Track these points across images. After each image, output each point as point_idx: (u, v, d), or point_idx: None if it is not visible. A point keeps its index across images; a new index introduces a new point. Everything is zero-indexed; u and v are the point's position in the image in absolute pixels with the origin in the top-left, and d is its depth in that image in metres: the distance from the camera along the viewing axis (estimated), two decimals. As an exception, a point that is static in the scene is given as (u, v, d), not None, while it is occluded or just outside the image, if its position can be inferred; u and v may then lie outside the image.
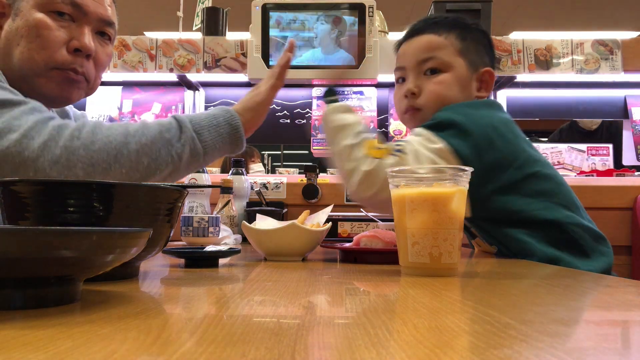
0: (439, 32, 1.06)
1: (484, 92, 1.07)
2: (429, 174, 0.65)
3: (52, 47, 0.89)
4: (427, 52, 1.05)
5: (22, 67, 0.89)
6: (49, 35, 0.89)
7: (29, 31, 0.88)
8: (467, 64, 1.05)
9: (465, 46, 1.05)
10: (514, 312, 0.41)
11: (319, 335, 0.30)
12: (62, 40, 0.90)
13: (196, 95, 2.37)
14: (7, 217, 0.51)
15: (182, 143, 0.84)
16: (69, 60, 0.91)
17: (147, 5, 5.35)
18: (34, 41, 0.88)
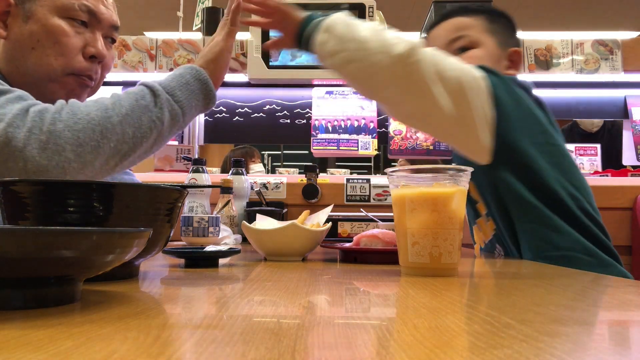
0: (467, 14, 1.09)
1: (513, 71, 1.07)
2: (429, 174, 0.65)
3: (70, 54, 0.91)
4: (457, 32, 1.07)
5: (37, 71, 0.90)
6: (67, 42, 0.90)
7: (47, 36, 0.89)
8: (497, 42, 1.07)
9: (493, 26, 1.07)
10: (514, 312, 0.41)
11: (319, 335, 0.30)
12: (79, 46, 0.92)
13: (196, 95, 2.37)
14: (7, 217, 0.51)
15: (159, 107, 0.83)
16: (86, 67, 0.93)
17: (147, 5, 5.35)
18: (52, 47, 0.90)
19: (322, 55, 0.92)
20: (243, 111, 2.37)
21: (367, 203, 1.79)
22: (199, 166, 1.51)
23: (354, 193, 1.80)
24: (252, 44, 2.01)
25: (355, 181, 1.81)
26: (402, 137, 2.35)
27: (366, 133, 2.33)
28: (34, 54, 0.89)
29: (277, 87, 2.37)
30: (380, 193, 1.80)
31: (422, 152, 2.33)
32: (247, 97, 2.38)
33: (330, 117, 2.35)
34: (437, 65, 0.84)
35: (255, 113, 2.37)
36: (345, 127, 2.34)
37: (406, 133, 2.35)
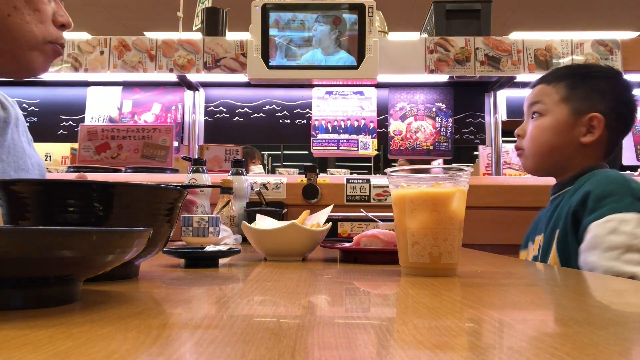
0: (550, 82, 1.12)
1: (589, 137, 1.07)
2: (429, 174, 0.65)
3: (47, 21, 0.90)
4: (535, 98, 1.13)
5: (18, 39, 0.87)
6: (45, 9, 0.89)
7: (27, 4, 0.87)
8: (570, 110, 1.08)
9: (571, 94, 1.09)
10: (514, 312, 0.41)
11: (319, 335, 0.30)
12: (51, 14, 0.91)
13: (196, 95, 2.37)
14: (7, 217, 0.51)
15: None
16: (60, 35, 0.93)
17: (147, 5, 5.35)
18: (33, 15, 0.88)
19: None
20: (243, 111, 2.37)
21: (367, 203, 1.79)
22: (199, 166, 1.51)
23: (354, 193, 1.80)
24: (252, 44, 2.01)
25: (355, 181, 1.81)
26: (402, 137, 2.35)
27: (366, 133, 2.33)
28: (10, 20, 0.87)
29: (277, 87, 2.37)
30: (380, 193, 1.80)
31: (422, 152, 2.33)
32: (247, 97, 2.38)
33: (330, 117, 2.35)
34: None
35: (255, 113, 2.37)
36: (345, 127, 2.34)
37: (406, 133, 2.35)
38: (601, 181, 0.98)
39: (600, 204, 0.92)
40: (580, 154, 1.09)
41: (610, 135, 1.08)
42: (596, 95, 1.09)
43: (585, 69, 1.16)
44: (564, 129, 1.09)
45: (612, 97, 1.09)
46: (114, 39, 2.16)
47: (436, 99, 2.36)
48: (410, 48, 2.11)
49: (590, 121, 1.06)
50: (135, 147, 2.04)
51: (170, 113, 2.36)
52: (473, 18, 2.16)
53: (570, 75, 1.13)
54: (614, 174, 1.00)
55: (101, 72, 2.13)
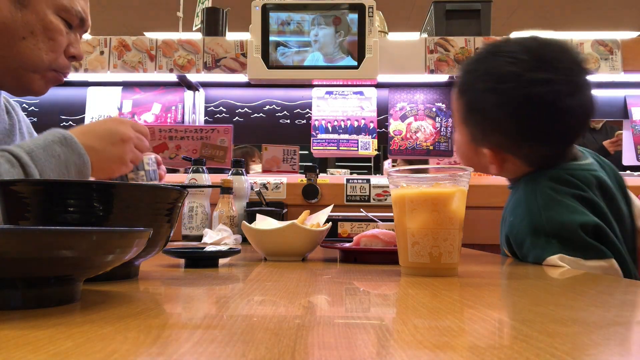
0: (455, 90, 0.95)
1: (494, 169, 0.93)
2: (429, 174, 0.65)
3: (58, 52, 0.93)
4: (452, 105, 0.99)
5: (25, 61, 0.90)
6: (61, 40, 0.93)
7: (44, 32, 0.91)
8: (468, 135, 0.94)
9: (468, 116, 0.92)
10: (514, 312, 0.41)
11: (319, 335, 0.30)
12: (65, 45, 0.95)
13: (196, 95, 2.37)
14: (7, 217, 0.51)
15: None
16: (66, 65, 0.96)
17: (147, 5, 5.35)
18: (47, 43, 0.91)
19: None
20: (243, 111, 2.37)
21: (367, 203, 1.79)
22: (199, 166, 1.51)
23: (354, 193, 1.80)
24: (252, 44, 2.01)
25: (355, 181, 1.81)
26: (402, 137, 2.35)
27: (366, 133, 2.33)
28: (24, 43, 0.90)
29: (277, 87, 2.37)
30: (380, 193, 1.80)
31: (422, 152, 2.33)
32: (247, 97, 2.38)
33: (330, 117, 2.35)
34: None
35: (255, 113, 2.37)
36: (345, 128, 2.34)
37: (406, 133, 2.35)
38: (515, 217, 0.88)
39: (523, 252, 0.85)
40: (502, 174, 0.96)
41: (526, 160, 0.90)
42: (487, 123, 0.89)
43: (479, 81, 0.89)
44: (470, 154, 0.95)
45: (507, 125, 0.87)
46: (114, 39, 2.16)
47: (436, 99, 2.36)
48: (410, 48, 2.11)
49: (484, 155, 0.91)
50: (194, 148, 2.03)
51: (170, 113, 2.36)
52: (473, 18, 2.16)
53: (466, 90, 0.92)
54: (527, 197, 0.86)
55: (101, 72, 2.13)
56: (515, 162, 0.90)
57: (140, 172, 1.01)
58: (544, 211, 0.82)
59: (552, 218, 0.81)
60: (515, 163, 0.90)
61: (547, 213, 0.82)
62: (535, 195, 0.85)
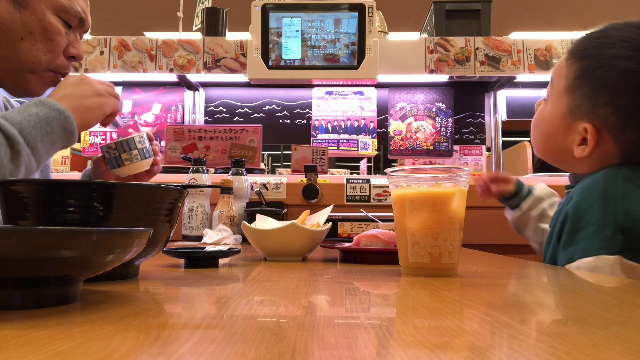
0: (571, 56, 0.86)
1: (580, 151, 0.84)
2: (429, 174, 0.65)
3: (57, 52, 0.93)
4: (551, 75, 0.90)
5: (23, 62, 0.90)
6: (59, 41, 0.92)
7: (43, 33, 0.90)
8: (568, 107, 0.85)
9: (576, 84, 0.83)
10: (514, 312, 0.41)
11: (319, 335, 0.30)
12: (64, 46, 0.94)
13: (196, 95, 2.37)
14: (7, 217, 0.51)
15: (15, 164, 0.76)
16: (64, 65, 0.95)
17: (147, 5, 5.35)
18: (45, 44, 0.91)
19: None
20: (243, 111, 2.37)
21: (367, 203, 1.79)
22: (199, 166, 1.51)
23: (354, 193, 1.80)
24: (252, 44, 2.01)
25: (355, 181, 1.81)
26: (402, 137, 2.35)
27: (366, 133, 2.33)
28: (22, 44, 0.89)
29: (277, 87, 2.37)
30: (380, 193, 1.80)
31: (422, 152, 2.33)
32: (247, 97, 2.38)
33: (330, 117, 2.35)
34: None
35: (255, 113, 2.37)
36: (345, 128, 2.34)
37: (406, 133, 2.35)
38: (582, 199, 0.79)
39: (575, 238, 0.77)
40: (581, 163, 0.85)
41: (623, 149, 0.81)
42: (603, 94, 0.80)
43: (608, 47, 0.80)
44: (557, 131, 0.87)
45: (628, 100, 0.78)
46: (114, 39, 2.16)
47: (436, 99, 2.36)
48: (410, 48, 2.11)
49: (584, 130, 0.82)
50: (223, 148, 2.03)
51: (170, 113, 2.36)
52: (473, 18, 2.17)
53: (588, 55, 0.83)
54: (603, 182, 0.78)
55: (101, 72, 2.13)
56: (610, 149, 0.81)
57: (133, 152, 1.01)
58: (621, 201, 0.74)
59: (629, 210, 0.73)
60: (609, 150, 0.81)
61: (624, 203, 0.73)
62: (616, 182, 0.76)
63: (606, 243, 0.72)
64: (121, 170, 1.02)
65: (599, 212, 0.75)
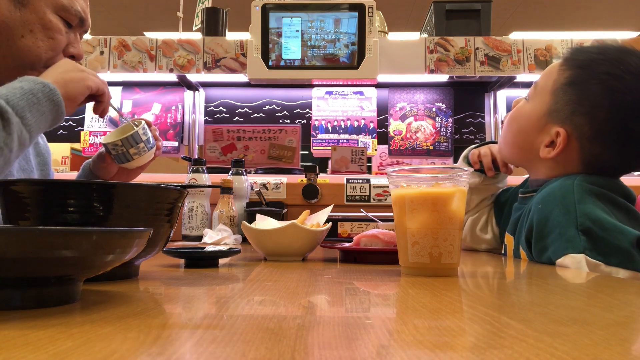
0: (565, 62, 0.91)
1: (546, 152, 0.89)
2: (429, 174, 0.65)
3: (57, 50, 0.93)
4: (541, 76, 0.95)
5: (24, 59, 0.90)
6: (60, 39, 0.93)
7: (43, 31, 0.91)
8: (548, 108, 0.89)
9: (563, 89, 0.88)
10: (514, 312, 0.41)
11: (319, 335, 0.30)
12: (64, 44, 0.95)
13: (196, 95, 2.37)
14: (7, 217, 0.51)
15: (8, 132, 0.76)
16: None
17: (147, 5, 5.35)
18: (46, 41, 0.91)
19: None
20: (243, 111, 2.37)
21: (367, 203, 1.79)
22: (199, 166, 1.51)
23: (354, 193, 1.80)
24: (252, 44, 2.01)
25: (355, 181, 1.81)
26: (402, 137, 2.35)
27: (366, 133, 2.33)
28: (22, 41, 0.90)
29: (277, 87, 2.37)
30: (380, 193, 1.80)
31: (422, 152, 2.33)
32: (247, 97, 2.38)
33: (330, 117, 2.35)
34: None
35: (255, 113, 2.37)
36: (345, 127, 2.34)
37: (406, 133, 2.35)
38: (545, 205, 0.83)
39: (544, 244, 0.81)
40: (543, 165, 0.92)
41: (586, 160, 0.87)
42: (584, 104, 0.85)
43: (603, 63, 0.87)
44: (530, 128, 0.92)
45: (603, 117, 0.84)
46: (114, 39, 2.16)
47: (436, 99, 2.36)
48: (410, 48, 2.11)
49: (556, 134, 0.88)
50: (262, 148, 2.03)
51: (170, 113, 2.36)
52: (473, 18, 2.16)
53: (582, 65, 0.88)
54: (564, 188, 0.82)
55: (101, 72, 2.13)
56: (573, 157, 0.87)
57: (140, 145, 1.01)
58: (578, 205, 0.78)
59: (587, 213, 0.76)
60: (572, 157, 0.88)
61: (581, 207, 0.77)
62: (572, 188, 0.81)
63: (571, 243, 0.76)
64: (129, 165, 1.03)
65: (560, 215, 0.79)
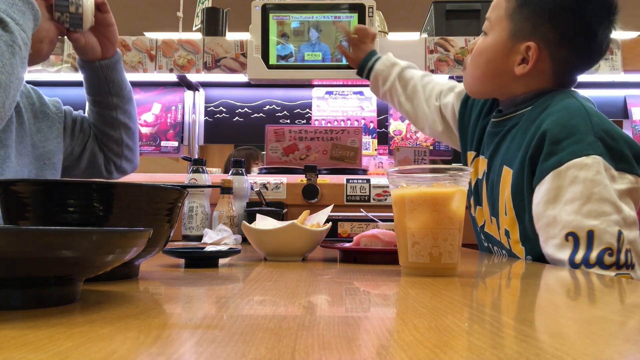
0: None
1: (521, 69, 0.95)
2: (429, 174, 0.65)
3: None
4: (489, 11, 1.01)
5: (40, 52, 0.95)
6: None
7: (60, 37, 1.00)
8: (510, 31, 0.95)
9: (517, 11, 0.95)
10: (514, 312, 0.41)
11: (319, 335, 0.30)
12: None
13: (196, 95, 2.37)
14: (7, 217, 0.51)
15: (10, 31, 0.78)
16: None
17: (147, 5, 5.35)
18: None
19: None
20: (243, 111, 2.37)
21: (367, 203, 1.79)
22: (199, 166, 1.51)
23: (354, 193, 1.80)
24: (252, 44, 2.01)
25: (355, 181, 1.81)
26: (402, 137, 2.35)
27: (366, 133, 2.33)
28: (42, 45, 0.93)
29: (277, 87, 2.37)
30: (380, 193, 1.80)
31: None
32: (247, 97, 2.38)
33: (330, 117, 2.35)
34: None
35: (255, 113, 2.37)
36: (345, 127, 2.34)
37: (406, 133, 2.35)
38: (560, 116, 0.85)
39: (559, 147, 0.82)
40: (519, 82, 0.97)
41: (556, 67, 0.94)
42: (542, 15, 0.92)
43: None
44: (498, 54, 0.97)
45: (564, 19, 0.92)
46: (114, 39, 2.16)
47: (436, 99, 2.36)
48: (410, 48, 2.11)
49: (526, 50, 0.93)
50: (324, 149, 2.02)
51: (170, 113, 2.36)
52: (473, 18, 2.16)
53: None
54: (574, 104, 0.87)
55: (101, 72, 2.13)
56: (545, 67, 0.94)
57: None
58: (590, 117, 0.84)
59: (598, 123, 0.83)
60: (544, 68, 0.94)
61: (593, 119, 0.84)
62: (580, 103, 0.87)
63: (591, 147, 0.81)
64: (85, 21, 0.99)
65: (580, 124, 0.83)
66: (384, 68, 1.34)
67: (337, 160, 2.02)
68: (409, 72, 1.32)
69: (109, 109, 1.13)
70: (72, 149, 1.15)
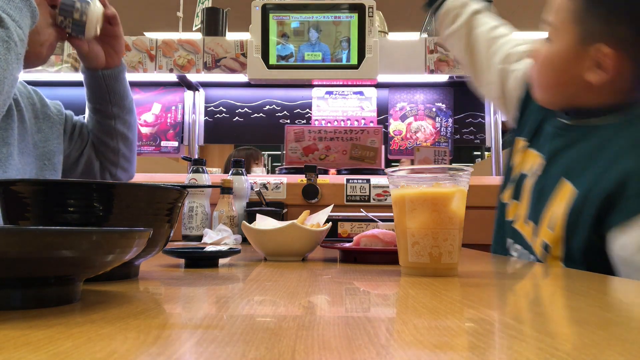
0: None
1: (595, 75, 0.81)
2: (429, 174, 0.65)
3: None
4: (551, 15, 0.88)
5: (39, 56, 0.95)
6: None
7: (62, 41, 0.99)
8: (578, 35, 0.83)
9: (584, 10, 0.82)
10: (514, 312, 0.41)
11: (319, 335, 0.30)
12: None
13: (196, 95, 2.37)
14: (7, 217, 0.51)
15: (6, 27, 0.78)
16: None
17: (147, 5, 5.35)
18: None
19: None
20: (243, 111, 2.38)
21: (367, 203, 1.79)
22: (199, 166, 1.51)
23: (354, 193, 1.80)
24: (252, 44, 2.01)
25: (355, 181, 1.81)
26: (402, 137, 2.35)
27: (366, 133, 2.33)
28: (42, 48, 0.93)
29: (277, 87, 2.37)
30: (380, 193, 1.80)
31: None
32: (247, 97, 2.38)
33: (330, 117, 2.35)
34: None
35: (255, 113, 2.37)
36: (345, 127, 2.34)
37: (406, 133, 2.35)
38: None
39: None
40: (592, 92, 0.84)
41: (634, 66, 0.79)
42: (617, 13, 0.79)
43: None
44: (569, 61, 0.85)
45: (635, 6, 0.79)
46: (114, 39, 2.15)
47: (436, 99, 2.36)
48: (410, 48, 2.11)
49: (598, 54, 0.80)
50: (344, 149, 2.02)
51: (170, 113, 2.36)
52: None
53: None
54: None
55: (101, 72, 2.13)
56: (627, 73, 0.80)
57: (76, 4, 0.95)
58: None
59: None
60: (626, 74, 0.80)
61: None
62: None
63: None
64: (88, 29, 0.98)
65: None
66: (458, 4, 1.18)
67: (357, 160, 2.02)
68: (481, 19, 1.17)
69: (108, 118, 1.13)
70: (70, 153, 1.15)
